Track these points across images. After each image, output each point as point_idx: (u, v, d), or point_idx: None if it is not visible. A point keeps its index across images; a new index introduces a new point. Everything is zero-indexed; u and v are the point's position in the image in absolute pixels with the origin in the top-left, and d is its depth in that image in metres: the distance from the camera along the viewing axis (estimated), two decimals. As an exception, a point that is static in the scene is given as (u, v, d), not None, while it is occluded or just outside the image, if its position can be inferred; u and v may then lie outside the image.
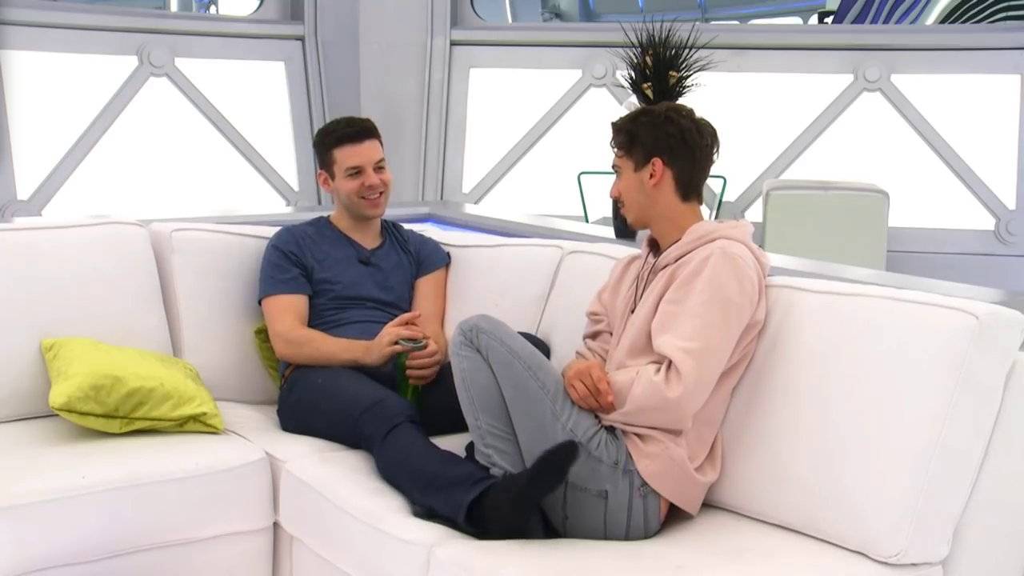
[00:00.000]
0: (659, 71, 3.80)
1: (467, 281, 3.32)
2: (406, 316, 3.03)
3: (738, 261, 2.38)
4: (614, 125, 2.59)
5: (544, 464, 2.26)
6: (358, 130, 3.19)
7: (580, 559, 2.20)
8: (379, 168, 3.20)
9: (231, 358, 3.26)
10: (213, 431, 2.87)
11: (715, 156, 2.56)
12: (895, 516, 2.13)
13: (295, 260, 3.18)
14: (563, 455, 2.25)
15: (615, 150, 2.57)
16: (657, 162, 2.49)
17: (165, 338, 3.21)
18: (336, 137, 3.20)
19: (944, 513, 2.16)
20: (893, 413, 2.19)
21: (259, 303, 3.19)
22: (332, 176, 3.22)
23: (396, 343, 2.95)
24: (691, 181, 2.52)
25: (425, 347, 2.96)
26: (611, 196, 2.62)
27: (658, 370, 2.33)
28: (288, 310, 3.12)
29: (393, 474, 2.58)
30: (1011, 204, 6.47)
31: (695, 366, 2.30)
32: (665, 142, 2.49)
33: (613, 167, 2.59)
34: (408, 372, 2.95)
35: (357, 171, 3.17)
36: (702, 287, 2.35)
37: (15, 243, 3.12)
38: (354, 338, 3.06)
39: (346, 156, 3.17)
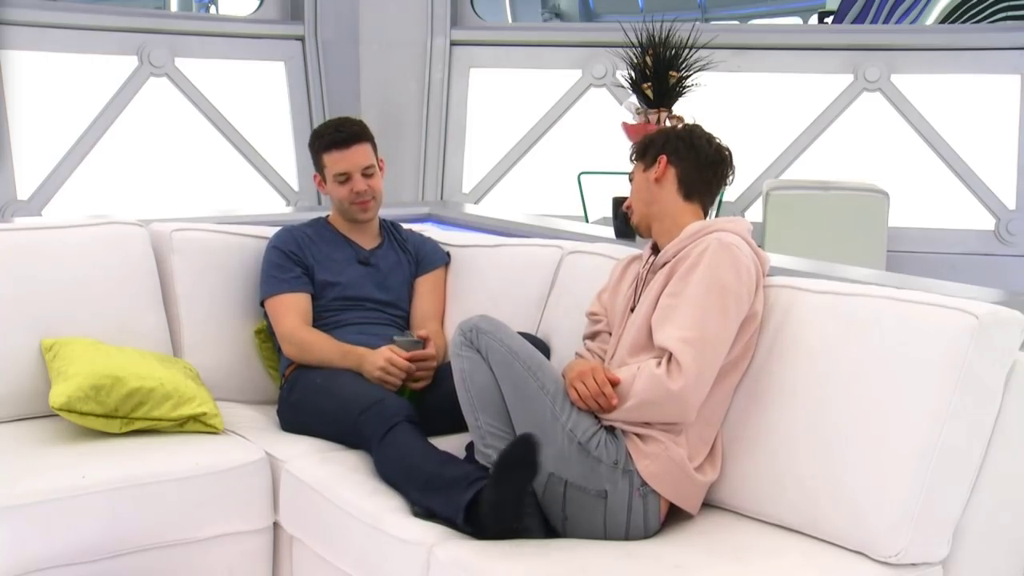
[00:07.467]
0: (659, 71, 3.79)
1: (467, 281, 3.32)
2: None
3: (734, 251, 2.39)
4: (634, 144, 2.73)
5: (504, 464, 2.26)
6: (346, 136, 3.18)
7: (580, 559, 2.20)
8: (367, 174, 3.19)
9: (231, 358, 3.26)
10: (213, 431, 2.88)
11: (729, 177, 2.63)
12: (895, 516, 2.13)
13: (296, 259, 3.18)
14: (523, 450, 2.23)
15: (634, 163, 2.69)
16: (662, 159, 2.58)
17: (165, 338, 3.21)
18: (325, 142, 3.20)
19: (944, 513, 2.16)
20: (893, 413, 2.19)
21: (262, 304, 3.19)
22: (325, 180, 3.23)
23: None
24: (693, 182, 2.55)
25: (424, 346, 2.96)
26: (626, 209, 2.71)
27: (659, 363, 2.34)
28: (292, 309, 3.12)
29: (391, 474, 2.58)
30: (1011, 204, 6.46)
31: (695, 356, 2.30)
32: (673, 143, 2.61)
33: (630, 178, 2.69)
34: None
35: (345, 177, 3.18)
36: (699, 278, 2.37)
37: (15, 243, 3.12)
38: (353, 339, 3.06)
39: (334, 162, 3.18)
